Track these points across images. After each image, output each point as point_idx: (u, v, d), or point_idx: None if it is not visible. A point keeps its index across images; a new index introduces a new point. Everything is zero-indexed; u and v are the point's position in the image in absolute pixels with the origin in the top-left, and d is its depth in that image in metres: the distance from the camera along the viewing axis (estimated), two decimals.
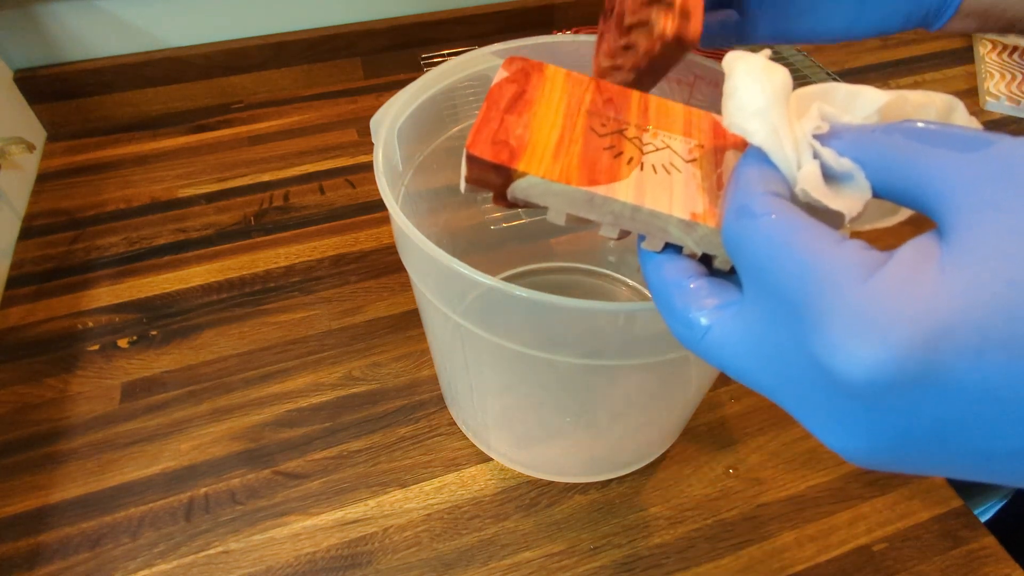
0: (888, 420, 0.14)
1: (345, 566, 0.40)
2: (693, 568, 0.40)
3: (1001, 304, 0.12)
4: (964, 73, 0.82)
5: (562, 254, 0.56)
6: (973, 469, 0.15)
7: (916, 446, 0.14)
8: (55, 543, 0.40)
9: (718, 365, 0.18)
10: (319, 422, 0.46)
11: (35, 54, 0.67)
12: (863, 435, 0.15)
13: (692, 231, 0.21)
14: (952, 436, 0.14)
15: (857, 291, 0.14)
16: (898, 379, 0.13)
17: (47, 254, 0.58)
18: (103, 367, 0.49)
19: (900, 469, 0.16)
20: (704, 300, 0.19)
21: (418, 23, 0.76)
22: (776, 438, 0.46)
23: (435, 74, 0.37)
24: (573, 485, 0.43)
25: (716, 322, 0.18)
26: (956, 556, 0.40)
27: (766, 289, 0.16)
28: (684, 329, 0.19)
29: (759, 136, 0.18)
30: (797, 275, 0.15)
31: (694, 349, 0.19)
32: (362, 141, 0.70)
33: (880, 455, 0.15)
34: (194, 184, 0.65)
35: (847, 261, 0.15)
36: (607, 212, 0.21)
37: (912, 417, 0.14)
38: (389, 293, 0.55)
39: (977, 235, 0.13)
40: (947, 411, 0.13)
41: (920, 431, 0.14)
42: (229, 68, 0.73)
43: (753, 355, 0.17)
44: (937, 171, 0.15)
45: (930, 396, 0.13)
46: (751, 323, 0.17)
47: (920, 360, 0.13)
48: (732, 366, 0.18)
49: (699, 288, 0.19)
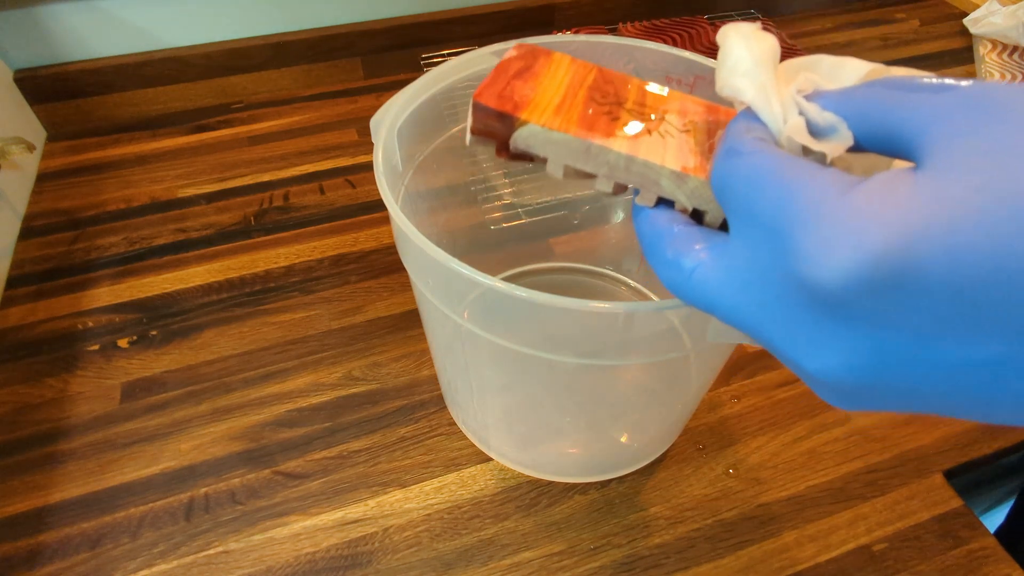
0: (863, 331, 0.15)
1: (345, 566, 0.40)
2: (693, 568, 0.40)
3: (971, 209, 0.13)
4: (964, 73, 0.82)
5: (562, 254, 0.56)
6: (947, 392, 0.15)
7: (891, 360, 0.15)
8: (55, 543, 0.40)
9: (705, 306, 0.19)
10: (319, 422, 0.46)
11: (35, 54, 0.67)
12: (839, 351, 0.15)
13: (683, 183, 0.22)
14: (925, 345, 0.14)
15: (834, 204, 0.15)
16: (873, 283, 0.14)
17: (47, 254, 0.58)
18: (103, 367, 0.49)
19: (876, 399, 0.16)
20: (692, 244, 0.20)
21: (418, 23, 0.76)
22: (776, 438, 0.46)
23: (435, 74, 0.37)
24: (573, 485, 0.43)
25: (702, 262, 0.19)
26: (956, 556, 0.40)
27: (749, 220, 0.17)
28: (672, 272, 0.20)
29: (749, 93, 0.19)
30: (778, 198, 0.16)
31: (681, 292, 0.20)
32: (362, 141, 0.70)
33: (857, 373, 0.15)
34: (194, 184, 0.65)
35: (826, 181, 0.15)
36: (603, 163, 0.22)
37: (887, 326, 0.14)
38: (389, 293, 0.55)
39: (949, 156, 0.14)
40: (920, 316, 0.14)
41: (895, 341, 0.14)
42: (229, 68, 0.73)
43: (736, 288, 0.18)
44: (912, 112, 0.15)
45: (904, 300, 0.14)
46: (735, 258, 0.18)
47: (894, 262, 0.13)
48: (717, 303, 0.18)
49: (688, 234, 0.20)
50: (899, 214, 0.13)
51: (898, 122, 0.16)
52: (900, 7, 0.95)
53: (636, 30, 0.80)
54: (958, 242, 0.13)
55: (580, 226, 0.55)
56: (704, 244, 0.19)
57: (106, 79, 0.69)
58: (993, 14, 0.82)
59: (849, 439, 0.46)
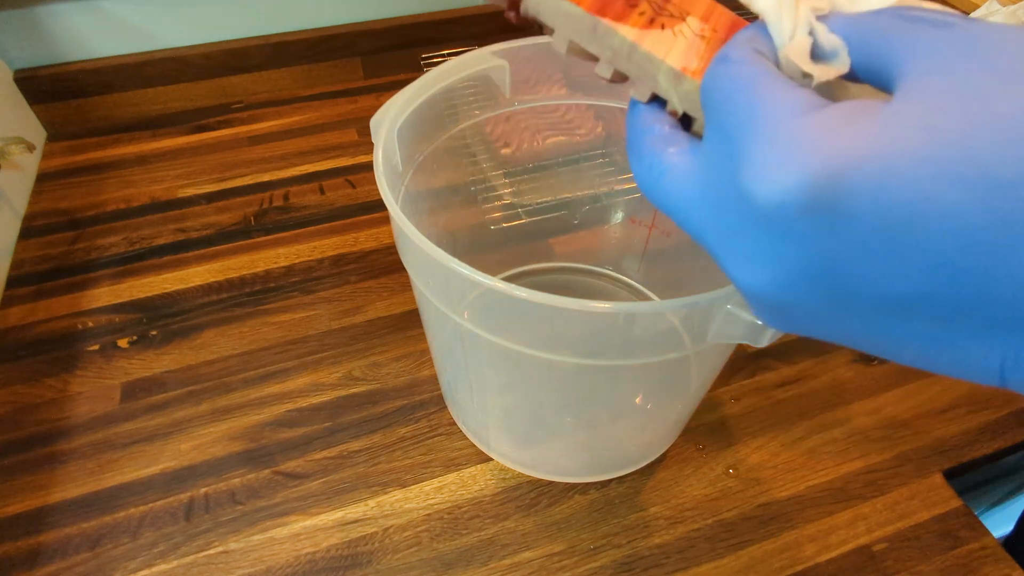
0: (793, 251, 0.15)
1: (345, 566, 0.40)
2: (693, 568, 0.40)
3: (912, 146, 0.13)
4: None
5: (562, 254, 0.56)
6: (864, 325, 0.15)
7: (816, 282, 0.15)
8: (55, 543, 0.40)
9: (666, 208, 0.19)
10: (319, 422, 0.46)
11: (35, 54, 0.67)
12: (768, 267, 0.16)
13: (679, 83, 0.21)
14: (848, 272, 0.14)
15: (789, 123, 0.15)
16: (806, 204, 0.14)
17: (47, 254, 0.58)
18: (103, 367, 0.49)
19: (801, 320, 0.17)
20: (668, 147, 0.20)
21: (418, 23, 0.76)
22: (776, 438, 0.46)
23: (435, 74, 0.37)
24: (573, 485, 0.43)
25: (672, 165, 0.19)
26: (956, 556, 0.40)
27: (718, 128, 0.17)
28: (644, 171, 0.20)
29: (762, 3, 0.18)
30: (744, 110, 0.16)
31: (648, 191, 0.20)
32: (362, 141, 0.70)
33: (782, 290, 0.16)
34: (194, 184, 0.65)
35: (791, 100, 0.15)
36: (607, 46, 0.22)
37: (813, 248, 0.15)
38: (389, 293, 0.55)
39: (914, 92, 0.14)
40: (846, 244, 0.14)
41: (819, 265, 0.15)
42: (229, 68, 0.73)
43: (694, 195, 0.18)
44: (902, 44, 0.15)
45: (832, 226, 0.14)
46: (699, 164, 0.18)
47: (826, 187, 0.14)
48: (676, 208, 0.19)
49: (667, 135, 0.20)
50: (846, 142, 0.14)
51: (888, 52, 0.16)
52: None
53: None
54: (890, 177, 0.13)
55: (580, 226, 0.55)
56: (678, 148, 0.19)
57: (106, 79, 0.69)
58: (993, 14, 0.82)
59: (849, 439, 0.46)
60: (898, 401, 0.47)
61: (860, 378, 0.49)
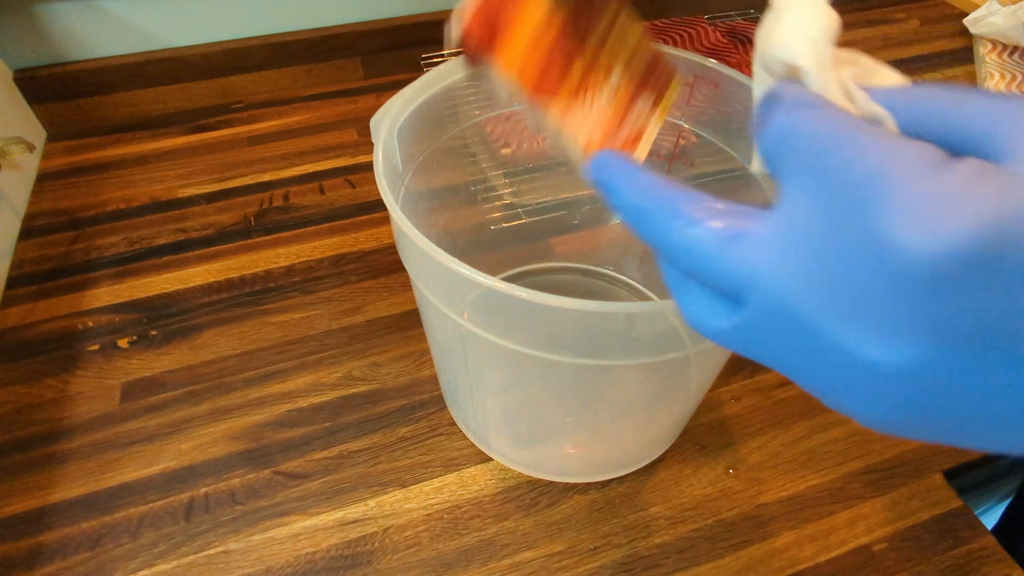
0: (947, 317, 0.14)
1: (345, 566, 0.40)
2: (693, 568, 0.40)
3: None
4: (964, 73, 0.82)
5: (562, 254, 0.56)
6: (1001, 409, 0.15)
7: (975, 352, 0.14)
8: (55, 543, 0.40)
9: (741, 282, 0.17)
10: (319, 422, 0.46)
11: (35, 54, 0.67)
12: (921, 334, 0.14)
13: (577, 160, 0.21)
14: (1003, 329, 0.14)
15: (928, 180, 0.14)
16: (963, 265, 0.14)
17: (47, 254, 0.58)
18: (103, 367, 0.49)
19: (931, 409, 0.15)
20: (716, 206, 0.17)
21: (418, 23, 0.76)
22: (776, 438, 0.46)
23: (435, 74, 0.37)
24: (573, 485, 0.43)
25: (746, 228, 0.17)
26: (956, 556, 0.40)
27: (820, 181, 0.16)
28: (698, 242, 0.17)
29: (807, 60, 0.18)
30: (865, 161, 0.15)
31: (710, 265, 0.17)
32: (362, 141, 0.70)
33: (934, 359, 0.15)
34: (194, 184, 0.65)
35: (915, 153, 0.15)
36: (543, 126, 0.22)
37: (973, 304, 0.14)
38: (389, 293, 0.55)
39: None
40: (1008, 305, 0.14)
41: (979, 322, 0.14)
42: (229, 68, 0.73)
43: (792, 260, 0.16)
44: (983, 113, 0.16)
45: (994, 287, 0.14)
46: (793, 225, 0.16)
47: (987, 245, 0.13)
48: (761, 277, 0.16)
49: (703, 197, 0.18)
50: (995, 202, 0.14)
51: (963, 121, 0.16)
52: (900, 7, 0.95)
53: None
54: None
55: (580, 226, 0.55)
56: (737, 208, 0.17)
57: (106, 79, 0.69)
58: (993, 14, 0.82)
59: (849, 439, 0.46)
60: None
61: None
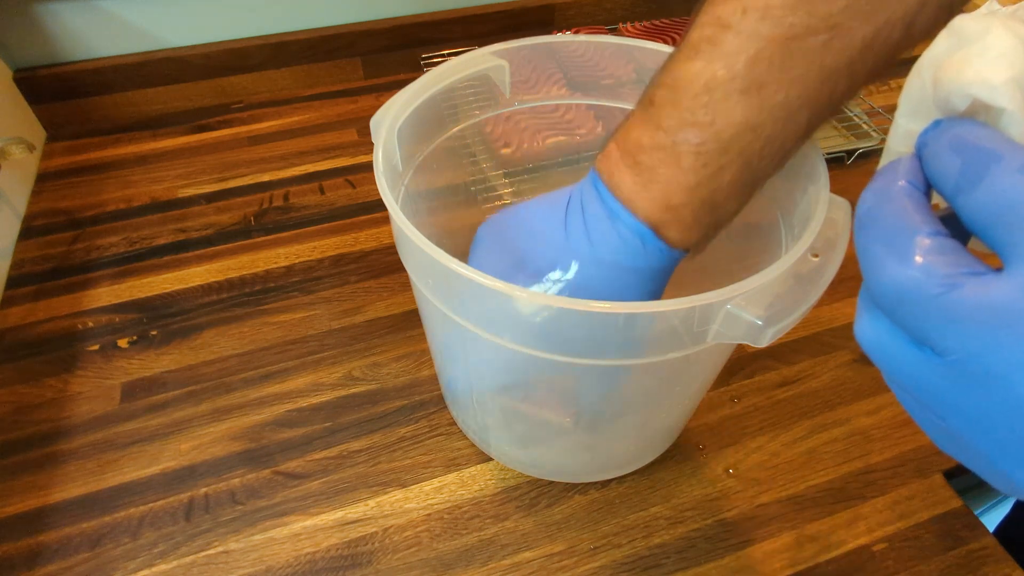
0: None
1: (345, 566, 0.40)
2: (693, 568, 0.40)
3: None
4: None
5: None
6: None
7: None
8: (55, 543, 0.40)
9: (964, 340, 0.16)
10: (319, 422, 0.46)
11: (35, 54, 0.67)
12: None
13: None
14: None
15: None
16: None
17: (47, 254, 0.58)
18: (103, 367, 0.49)
19: None
20: (949, 254, 0.17)
21: (418, 23, 0.76)
22: (776, 438, 0.46)
23: (435, 74, 0.37)
24: (573, 485, 0.43)
25: (969, 283, 0.16)
26: (956, 556, 0.40)
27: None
28: (914, 281, 0.17)
29: (1009, 101, 0.17)
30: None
31: (915, 301, 0.17)
32: (362, 141, 0.70)
33: None
34: (194, 184, 0.65)
35: None
36: None
37: None
38: (389, 293, 0.55)
39: None
40: None
41: None
42: (229, 68, 0.73)
43: (1003, 324, 0.15)
44: None
45: None
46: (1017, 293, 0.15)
47: None
48: (990, 344, 0.16)
49: (943, 241, 0.17)
50: None
51: None
52: None
53: (636, 30, 0.80)
54: None
55: None
56: (969, 267, 0.16)
57: (106, 79, 0.69)
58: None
59: (849, 439, 0.46)
60: (898, 401, 0.47)
61: (860, 378, 0.49)
